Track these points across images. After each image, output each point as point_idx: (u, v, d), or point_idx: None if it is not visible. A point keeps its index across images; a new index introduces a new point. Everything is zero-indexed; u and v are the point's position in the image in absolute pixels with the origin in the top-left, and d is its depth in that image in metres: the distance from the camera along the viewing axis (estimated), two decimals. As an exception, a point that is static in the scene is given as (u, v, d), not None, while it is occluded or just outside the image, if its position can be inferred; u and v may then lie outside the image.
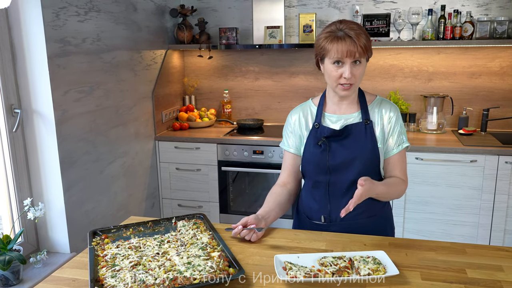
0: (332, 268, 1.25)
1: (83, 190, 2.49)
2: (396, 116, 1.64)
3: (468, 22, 3.07)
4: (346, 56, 1.50)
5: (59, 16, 2.24)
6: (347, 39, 1.49)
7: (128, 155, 2.97)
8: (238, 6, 3.59)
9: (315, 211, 1.68)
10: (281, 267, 1.28)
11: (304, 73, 3.59)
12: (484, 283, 1.23)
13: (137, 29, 3.04)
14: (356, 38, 1.49)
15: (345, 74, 1.52)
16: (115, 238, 1.48)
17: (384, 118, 1.63)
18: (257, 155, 3.18)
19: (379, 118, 1.63)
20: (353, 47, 1.48)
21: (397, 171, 1.65)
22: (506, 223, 2.86)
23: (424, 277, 1.26)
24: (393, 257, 1.35)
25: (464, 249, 1.43)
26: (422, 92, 3.40)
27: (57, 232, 2.36)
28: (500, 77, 3.26)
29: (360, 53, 1.50)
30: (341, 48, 1.49)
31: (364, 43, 1.50)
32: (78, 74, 2.42)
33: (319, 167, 1.63)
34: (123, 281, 1.18)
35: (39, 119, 2.25)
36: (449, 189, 2.89)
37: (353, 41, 1.49)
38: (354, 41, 1.49)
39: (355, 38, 1.49)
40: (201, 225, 1.55)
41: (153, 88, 3.29)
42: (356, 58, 1.50)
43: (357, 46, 1.48)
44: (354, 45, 1.48)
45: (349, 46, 1.48)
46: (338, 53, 1.50)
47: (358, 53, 1.49)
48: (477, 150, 2.82)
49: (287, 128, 1.75)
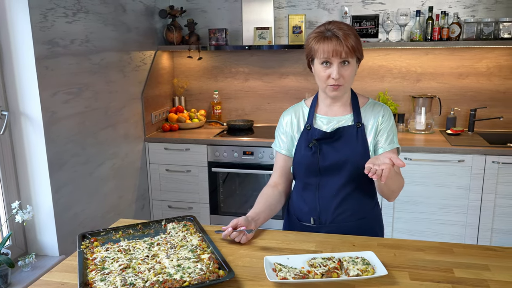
0: (321, 269, 1.26)
1: (72, 193, 2.47)
2: (388, 118, 1.65)
3: (455, 23, 3.11)
4: (332, 56, 1.50)
5: (47, 17, 2.23)
6: (334, 39, 1.50)
7: (118, 156, 2.96)
8: (227, 7, 3.59)
9: (305, 213, 1.69)
10: (271, 268, 1.28)
11: (294, 74, 3.60)
12: (471, 283, 1.24)
13: (126, 30, 3.03)
14: (343, 38, 1.49)
15: (333, 74, 1.52)
16: (105, 241, 1.47)
17: (376, 121, 1.64)
18: (247, 156, 3.18)
19: (372, 121, 1.64)
20: (339, 47, 1.48)
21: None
22: (493, 222, 2.90)
23: (413, 277, 1.27)
24: (382, 258, 1.36)
25: (451, 248, 1.44)
26: (411, 92, 3.43)
27: (46, 235, 2.35)
28: (487, 78, 3.31)
29: (347, 53, 1.49)
30: (328, 48, 1.49)
31: (352, 43, 1.50)
32: (67, 76, 2.40)
33: (309, 169, 1.64)
34: (113, 284, 1.17)
35: (27, 121, 2.23)
36: (437, 188, 2.92)
37: (340, 41, 1.49)
38: (341, 41, 1.49)
39: (342, 38, 1.49)
40: (191, 227, 1.55)
41: (142, 89, 3.27)
42: (343, 58, 1.50)
43: (343, 45, 1.48)
44: (340, 44, 1.48)
45: (335, 45, 1.49)
46: (324, 53, 1.50)
47: (345, 52, 1.49)
48: (465, 150, 2.85)
49: (279, 129, 1.75)
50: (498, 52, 3.25)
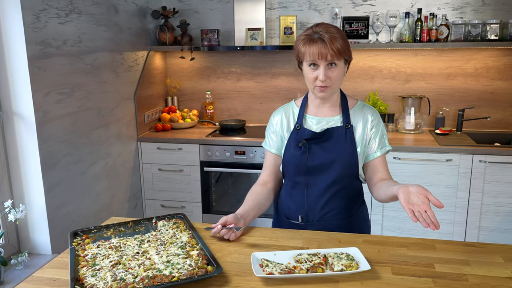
0: (307, 264, 1.30)
1: (65, 192, 2.49)
2: (377, 121, 1.69)
3: (443, 25, 3.16)
4: (318, 59, 1.53)
5: (39, 18, 2.25)
6: (320, 42, 1.52)
7: (111, 156, 2.98)
8: (219, 8, 3.62)
9: (293, 210, 1.73)
10: (258, 264, 1.32)
11: (286, 74, 3.64)
12: (450, 277, 1.29)
13: (119, 31, 3.05)
14: (329, 41, 1.51)
15: (320, 76, 1.55)
16: (96, 239, 1.50)
17: (365, 123, 1.67)
18: (239, 156, 3.22)
19: (361, 123, 1.67)
20: (325, 49, 1.51)
21: (385, 173, 1.66)
22: (480, 220, 2.95)
23: (395, 272, 1.31)
24: (366, 254, 1.40)
25: (434, 245, 1.49)
26: (400, 93, 3.48)
27: (39, 234, 2.37)
28: (475, 78, 3.36)
29: (332, 56, 1.52)
30: (314, 51, 1.52)
31: (338, 46, 1.52)
32: (59, 76, 2.43)
33: (298, 168, 1.68)
34: (103, 280, 1.20)
35: (19, 121, 2.25)
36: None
37: (325, 44, 1.51)
38: (326, 44, 1.51)
39: (328, 41, 1.51)
40: (181, 225, 1.58)
41: (135, 90, 3.30)
42: (329, 60, 1.53)
43: (328, 48, 1.51)
44: (326, 47, 1.51)
45: (321, 48, 1.51)
46: (311, 55, 1.54)
47: (330, 55, 1.52)
48: (452, 150, 2.90)
49: (269, 128, 1.79)
50: (486, 53, 3.30)
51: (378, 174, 1.66)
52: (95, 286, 1.18)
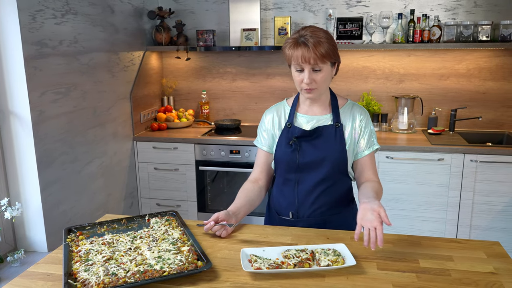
0: (294, 260, 1.33)
1: (61, 190, 2.52)
2: (366, 120, 1.73)
3: (436, 26, 3.20)
4: (302, 62, 1.56)
5: (35, 18, 2.28)
6: (303, 46, 1.55)
7: (107, 155, 3.02)
8: (215, 8, 3.66)
9: (284, 207, 1.77)
10: (247, 260, 1.36)
11: (281, 74, 3.68)
12: (434, 272, 1.32)
13: (115, 31, 3.08)
14: (313, 45, 1.54)
15: (304, 79, 1.59)
16: (90, 235, 1.54)
17: (354, 122, 1.71)
18: (234, 155, 3.25)
19: (350, 122, 1.71)
20: (308, 54, 1.54)
21: (370, 172, 1.71)
22: (471, 218, 2.99)
23: (380, 267, 1.35)
24: (353, 250, 1.43)
25: (419, 241, 1.53)
26: (394, 93, 3.52)
27: (35, 232, 2.40)
28: (467, 79, 3.40)
29: (315, 60, 1.54)
30: (298, 54, 1.56)
31: (322, 51, 1.54)
32: (55, 76, 2.46)
33: (289, 165, 1.71)
34: (96, 274, 1.24)
35: (15, 120, 2.28)
36: (418, 186, 3.01)
37: (309, 48, 1.54)
38: (310, 49, 1.54)
39: (312, 46, 1.54)
40: (173, 222, 1.62)
41: (131, 89, 3.33)
42: (312, 64, 1.56)
43: (311, 53, 1.53)
44: (309, 51, 1.54)
45: (304, 52, 1.54)
46: (295, 59, 1.57)
47: (313, 59, 1.54)
48: (444, 149, 2.94)
49: (261, 126, 1.83)
50: (478, 54, 3.34)
51: (364, 174, 1.71)
52: (88, 281, 1.22)
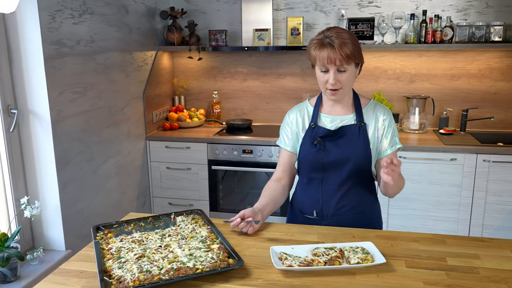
0: (324, 257, 1.35)
1: (78, 189, 2.54)
2: (389, 119, 1.74)
3: (448, 26, 3.21)
4: (328, 63, 1.58)
5: (55, 18, 2.30)
6: (329, 47, 1.57)
7: (121, 154, 3.03)
8: (226, 8, 3.67)
9: (307, 206, 1.78)
10: (277, 257, 1.37)
11: (292, 74, 3.69)
12: (462, 270, 1.34)
13: (128, 31, 3.10)
14: (339, 47, 1.56)
15: (330, 80, 1.61)
16: (118, 233, 1.55)
17: (377, 121, 1.73)
18: (247, 154, 3.26)
19: (373, 121, 1.73)
20: (334, 54, 1.56)
21: None
22: (484, 218, 3.01)
23: (408, 265, 1.37)
24: (380, 248, 1.45)
25: (444, 239, 1.54)
26: (405, 93, 3.54)
27: (53, 230, 2.41)
28: (478, 79, 3.42)
29: (341, 61, 1.57)
30: (323, 55, 1.58)
31: (347, 52, 1.56)
32: (73, 75, 2.47)
33: (313, 165, 1.73)
34: (130, 272, 1.25)
35: (35, 119, 2.29)
36: (430, 186, 3.03)
37: (335, 49, 1.56)
38: (336, 49, 1.56)
39: (338, 46, 1.56)
40: (199, 220, 1.63)
41: (144, 89, 3.35)
42: (338, 65, 1.58)
43: (337, 53, 1.56)
44: (335, 52, 1.56)
45: (330, 53, 1.56)
46: (320, 60, 1.59)
47: (339, 60, 1.56)
48: (457, 149, 2.96)
49: (284, 127, 1.84)
50: (489, 55, 3.36)
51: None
52: (123, 278, 1.23)
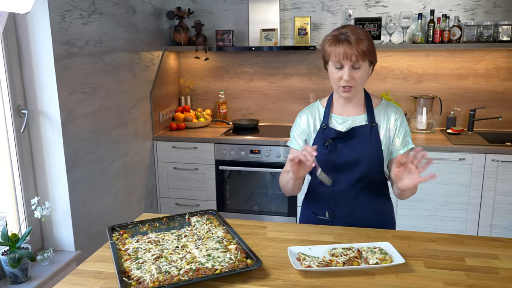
0: (342, 258, 1.34)
1: (87, 189, 2.53)
2: (401, 119, 1.73)
3: (456, 26, 3.21)
4: (343, 59, 1.57)
5: (64, 18, 2.29)
6: (346, 43, 1.57)
7: (129, 154, 3.03)
8: (233, 8, 3.67)
9: (320, 207, 1.77)
10: (295, 258, 1.36)
11: (298, 74, 3.68)
12: (482, 270, 1.33)
13: (136, 31, 3.09)
14: (355, 42, 1.56)
15: (344, 76, 1.60)
16: (133, 234, 1.55)
17: (389, 121, 1.72)
18: (254, 155, 3.26)
19: (385, 121, 1.72)
20: (350, 50, 1.56)
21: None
22: (492, 218, 3.00)
23: (427, 265, 1.36)
24: (397, 248, 1.44)
25: (462, 240, 1.53)
26: (412, 93, 3.53)
27: (62, 231, 2.41)
28: (486, 79, 3.41)
29: (357, 57, 1.56)
30: (339, 51, 1.57)
31: (364, 48, 1.56)
32: (82, 76, 2.47)
33: (325, 166, 1.72)
34: (149, 272, 1.25)
35: (45, 119, 2.29)
36: (438, 186, 3.02)
37: (351, 45, 1.56)
38: (352, 45, 1.56)
39: (354, 42, 1.56)
40: (214, 220, 1.63)
41: (151, 89, 3.34)
42: (354, 61, 1.57)
43: (354, 49, 1.55)
44: (351, 48, 1.55)
45: (347, 49, 1.56)
46: (336, 56, 1.58)
47: (355, 56, 1.56)
48: (465, 149, 2.95)
49: (295, 128, 1.83)
50: (497, 54, 3.35)
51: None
52: (142, 278, 1.22)
